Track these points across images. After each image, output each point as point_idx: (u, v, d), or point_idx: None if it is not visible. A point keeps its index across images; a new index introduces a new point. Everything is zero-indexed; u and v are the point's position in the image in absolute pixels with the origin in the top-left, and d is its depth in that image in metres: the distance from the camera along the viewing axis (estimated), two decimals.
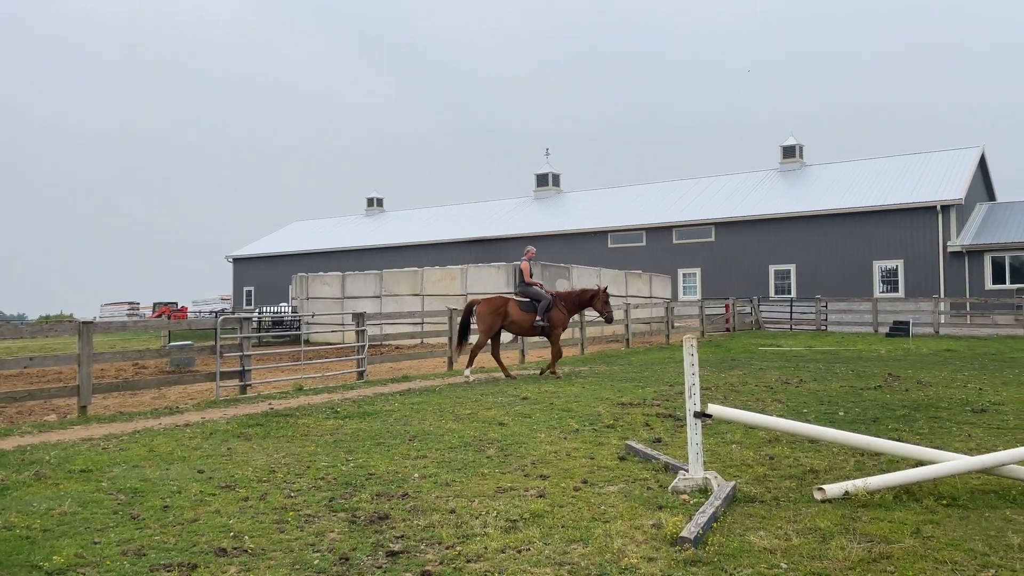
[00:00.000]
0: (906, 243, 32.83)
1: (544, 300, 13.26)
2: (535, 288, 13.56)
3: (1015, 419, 8.15)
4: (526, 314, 13.28)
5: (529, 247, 14.44)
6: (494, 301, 13.52)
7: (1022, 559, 3.97)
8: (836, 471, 5.91)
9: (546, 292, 13.53)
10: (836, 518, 4.71)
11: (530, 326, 13.33)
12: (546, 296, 13.35)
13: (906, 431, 7.53)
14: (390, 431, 7.94)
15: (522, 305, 13.38)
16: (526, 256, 13.93)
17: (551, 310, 13.26)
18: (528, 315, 13.27)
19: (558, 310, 13.35)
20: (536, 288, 13.57)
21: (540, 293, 13.46)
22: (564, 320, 13.42)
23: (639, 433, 7.66)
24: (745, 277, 36.10)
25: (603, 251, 40.23)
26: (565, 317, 13.44)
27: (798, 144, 42.17)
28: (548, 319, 13.25)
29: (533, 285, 13.60)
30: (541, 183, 50.20)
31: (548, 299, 13.27)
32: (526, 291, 13.55)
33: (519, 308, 13.31)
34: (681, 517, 4.66)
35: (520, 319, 13.27)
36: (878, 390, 10.66)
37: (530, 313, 13.28)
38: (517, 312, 13.26)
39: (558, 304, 13.38)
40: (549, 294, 13.47)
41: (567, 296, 13.70)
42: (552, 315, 13.27)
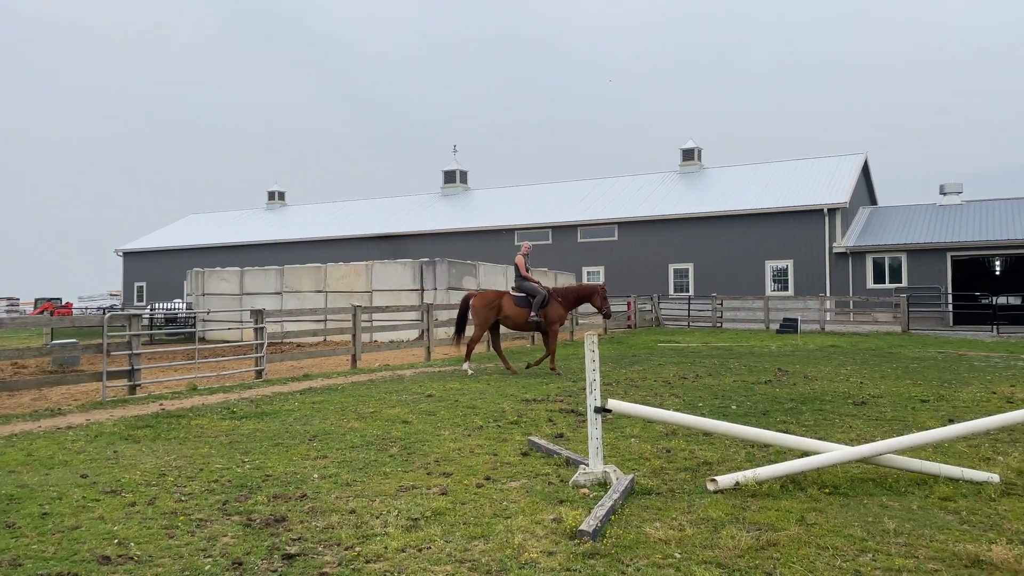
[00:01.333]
0: (796, 244, 34.45)
1: (539, 296, 13.20)
2: (530, 283, 13.49)
3: (892, 411, 8.68)
4: (521, 309, 13.25)
5: (525, 242, 14.44)
6: (488, 295, 13.58)
7: (897, 543, 4.23)
8: (728, 462, 6.14)
9: (542, 288, 13.42)
10: (727, 508, 4.89)
11: (524, 321, 13.29)
12: (541, 291, 13.28)
13: (793, 423, 7.91)
14: (289, 431, 7.74)
15: (517, 300, 13.36)
16: (522, 251, 13.91)
17: (546, 305, 13.21)
18: (523, 310, 13.24)
19: (554, 306, 13.28)
20: (531, 283, 13.50)
21: (535, 288, 13.38)
22: (561, 316, 13.31)
23: (542, 429, 7.74)
24: (646, 275, 37.06)
25: (510, 249, 40.44)
26: (562, 313, 13.33)
27: (697, 147, 43.60)
28: (543, 315, 13.21)
29: (529, 280, 13.55)
30: (449, 180, 50.04)
31: (543, 294, 13.22)
32: (521, 286, 13.53)
33: (514, 303, 13.31)
34: (581, 511, 4.73)
35: (514, 314, 13.26)
36: (768, 384, 11.15)
37: (525, 308, 13.24)
38: (511, 307, 13.26)
39: (554, 299, 13.32)
40: (546, 289, 13.39)
41: (564, 292, 13.60)
42: (547, 311, 13.22)
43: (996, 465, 5.86)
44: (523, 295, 13.39)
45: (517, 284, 13.62)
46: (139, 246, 52.79)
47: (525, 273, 13.58)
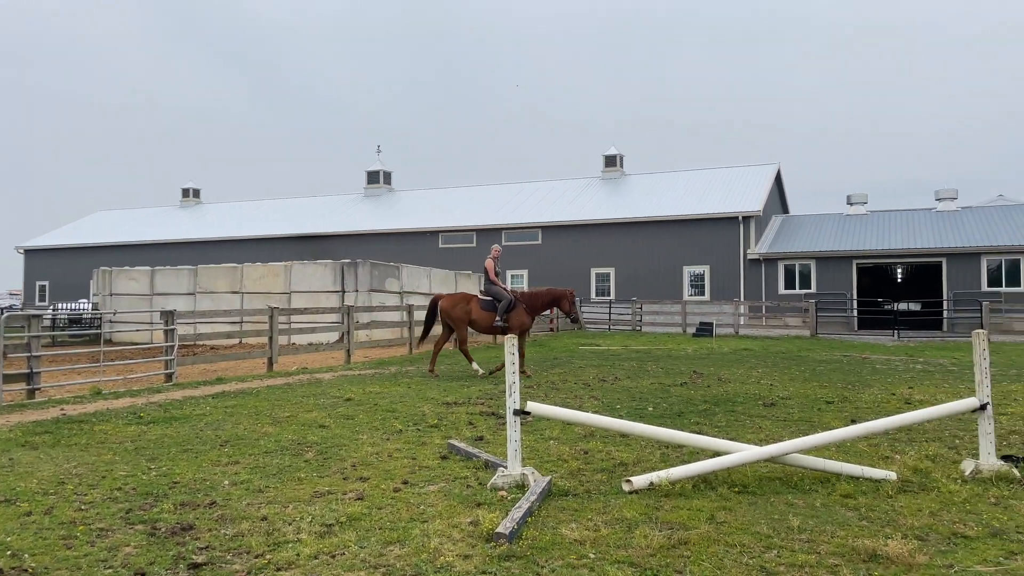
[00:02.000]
0: (712, 250, 35.48)
1: (504, 300, 13.18)
2: (497, 288, 13.46)
3: (799, 412, 9.02)
4: (487, 313, 13.23)
5: (495, 245, 14.43)
6: (456, 297, 13.58)
7: (800, 539, 4.39)
8: (644, 463, 6.26)
9: (509, 292, 13.39)
10: (641, 508, 4.98)
11: (490, 325, 13.25)
12: (507, 296, 13.25)
13: (706, 424, 8.12)
14: (199, 436, 7.49)
15: (483, 304, 13.34)
16: (491, 255, 13.84)
17: (512, 310, 13.18)
18: (489, 314, 13.22)
19: (520, 311, 13.24)
20: (498, 288, 13.46)
21: (501, 293, 13.34)
22: (526, 321, 13.29)
23: (462, 432, 7.72)
24: (569, 279, 37.46)
25: (434, 251, 40.30)
26: (527, 318, 13.31)
27: (619, 154, 44.40)
28: (507, 319, 13.16)
29: (496, 285, 13.51)
30: (372, 180, 49.46)
31: (509, 299, 13.19)
32: (489, 290, 13.51)
33: (480, 307, 13.29)
34: (498, 513, 4.74)
35: (481, 318, 13.24)
36: (684, 386, 11.43)
37: (491, 312, 13.22)
38: (478, 311, 13.25)
39: (519, 305, 13.28)
40: (512, 294, 13.35)
41: (532, 296, 13.57)
42: (512, 316, 13.17)
43: (894, 463, 6.14)
44: (490, 299, 13.41)
45: (485, 288, 13.64)
46: (42, 243, 50.23)
47: (494, 277, 13.56)
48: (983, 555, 4.11)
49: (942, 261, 31.97)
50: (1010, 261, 30.80)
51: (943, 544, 4.29)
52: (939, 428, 7.76)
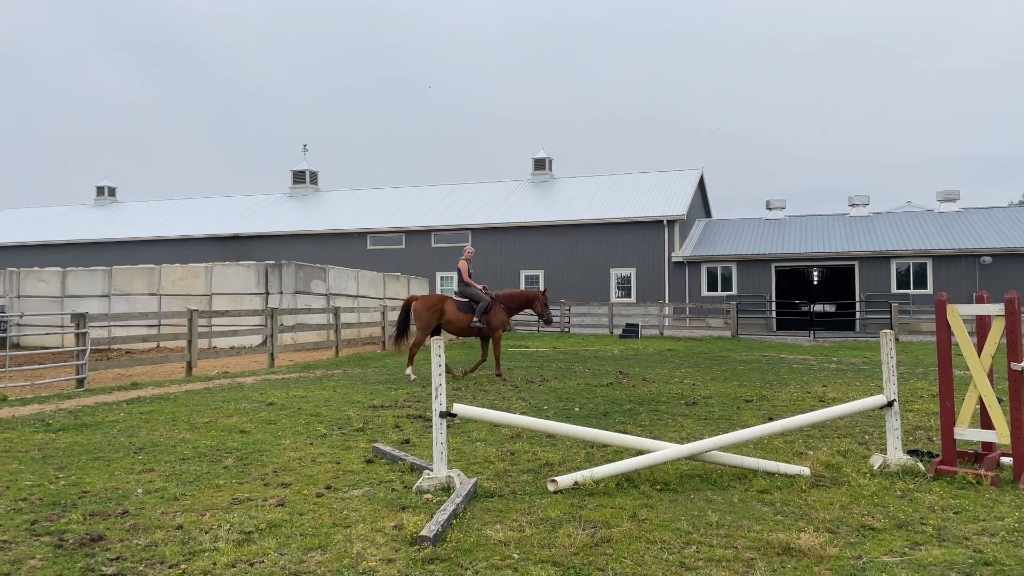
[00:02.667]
0: (638, 253, 36.13)
1: (482, 301, 13.09)
2: (473, 289, 13.34)
3: (720, 410, 9.26)
4: (463, 314, 13.12)
5: (468, 247, 14.30)
6: (430, 299, 13.37)
7: (718, 534, 4.51)
8: (569, 463, 6.32)
9: (486, 293, 13.31)
10: (566, 507, 5.03)
11: (467, 327, 13.14)
12: (484, 297, 13.17)
13: (631, 423, 8.26)
14: (112, 444, 7.20)
15: (459, 305, 13.22)
16: (464, 256, 13.70)
17: (489, 312, 13.11)
18: (465, 316, 13.11)
19: (498, 312, 13.19)
20: (474, 289, 13.34)
21: (478, 294, 13.24)
22: (504, 322, 13.28)
23: (388, 435, 7.64)
24: (499, 281, 37.57)
25: (362, 252, 39.80)
26: (505, 319, 13.29)
27: (548, 157, 44.77)
28: (486, 321, 13.07)
29: (472, 286, 13.37)
30: (298, 180, 48.53)
31: (486, 300, 13.11)
32: (464, 291, 13.37)
33: (456, 308, 13.17)
34: (423, 516, 4.71)
35: (456, 319, 13.12)
36: (610, 387, 11.60)
37: (467, 314, 13.12)
38: (454, 312, 13.13)
39: (497, 306, 13.23)
40: (489, 295, 13.27)
41: (508, 297, 13.50)
42: (490, 317, 13.11)
43: (807, 459, 6.37)
44: (466, 300, 13.32)
45: (460, 289, 13.52)
46: None
47: (468, 279, 13.47)
48: (890, 546, 4.29)
49: (855, 264, 33.35)
50: (917, 264, 32.36)
51: (852, 536, 4.47)
52: (850, 425, 8.08)
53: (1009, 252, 30.84)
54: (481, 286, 13.58)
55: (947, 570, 3.90)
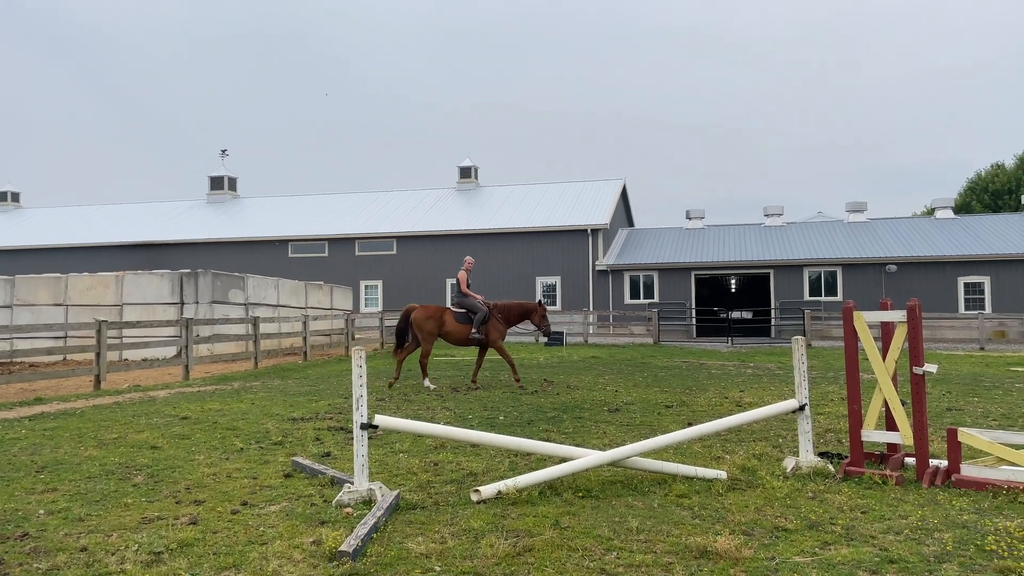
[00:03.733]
0: (563, 261, 36.51)
1: (480, 312, 13.02)
2: (471, 300, 13.26)
3: (641, 416, 9.41)
4: (461, 325, 13.08)
5: (468, 257, 14.15)
6: (430, 309, 13.31)
7: (638, 540, 4.56)
8: (493, 472, 6.30)
9: (484, 304, 13.21)
10: (489, 517, 5.01)
11: (465, 338, 13.09)
12: (482, 308, 13.08)
13: (554, 431, 8.31)
14: (12, 463, 6.81)
15: (457, 316, 13.17)
16: (464, 266, 13.67)
17: (487, 322, 13.05)
18: (463, 327, 13.08)
19: (494, 323, 13.13)
20: (472, 300, 13.26)
21: (476, 305, 13.16)
22: (502, 333, 13.25)
23: (308, 448, 7.47)
24: (425, 290, 37.35)
25: (284, 261, 38.95)
26: (503, 329, 13.25)
27: (474, 166, 44.83)
28: (484, 332, 13.01)
29: (469, 296, 13.31)
30: (216, 186, 47.17)
31: (484, 311, 13.03)
32: (462, 302, 13.29)
33: (454, 319, 13.13)
34: (343, 531, 4.61)
35: (455, 330, 13.07)
36: (534, 395, 11.65)
37: (466, 325, 13.09)
38: (452, 323, 13.09)
39: (495, 316, 13.17)
40: (487, 306, 13.17)
41: (505, 308, 13.40)
42: (488, 328, 13.05)
43: (724, 463, 6.53)
44: (463, 311, 13.23)
45: (458, 300, 13.42)
46: None
47: (466, 289, 13.39)
48: (801, 546, 4.43)
49: (770, 272, 34.51)
50: (828, 272, 33.72)
51: (766, 538, 4.59)
52: (765, 428, 8.33)
53: (913, 261, 32.46)
54: (480, 297, 13.56)
55: (855, 568, 4.04)
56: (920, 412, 6.02)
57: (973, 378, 14.47)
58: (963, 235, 34.25)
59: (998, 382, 13.68)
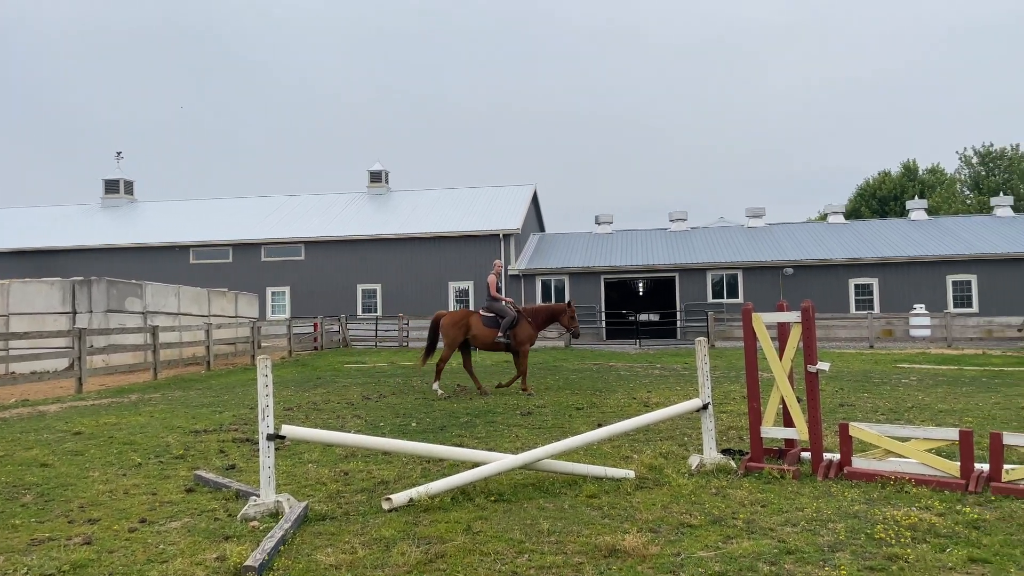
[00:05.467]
0: (476, 266, 36.55)
1: (508, 316, 12.90)
2: (500, 304, 13.19)
3: (553, 419, 9.52)
4: (489, 329, 12.94)
5: (496, 261, 14.09)
6: (456, 315, 13.30)
7: (550, 541, 4.62)
8: (405, 480, 6.25)
9: (513, 308, 13.11)
10: (400, 525, 4.96)
11: (492, 342, 12.94)
12: (511, 312, 12.99)
13: (468, 436, 8.31)
14: None
15: (485, 320, 13.03)
16: (493, 270, 13.62)
17: (516, 326, 12.92)
18: (491, 331, 12.92)
19: (524, 326, 12.99)
20: (501, 304, 13.20)
21: (504, 309, 13.08)
22: (531, 337, 13.09)
23: (212, 461, 7.22)
24: (334, 296, 36.70)
25: (185, 267, 37.51)
26: (532, 334, 13.09)
27: (384, 170, 44.37)
28: (512, 336, 12.85)
29: (499, 300, 13.25)
30: (111, 190, 45.01)
31: (513, 315, 12.93)
32: (491, 306, 13.19)
33: (482, 323, 13.00)
34: (248, 546, 4.49)
35: (482, 334, 12.94)
36: (447, 400, 11.62)
37: (493, 329, 12.93)
38: (480, 327, 12.96)
39: (524, 320, 13.02)
40: (516, 310, 13.08)
41: (535, 312, 13.34)
42: (517, 332, 12.90)
43: (633, 462, 6.68)
44: (492, 315, 13.08)
45: (487, 304, 13.31)
46: None
47: (495, 293, 13.26)
48: (705, 541, 4.58)
49: (675, 276, 35.52)
50: (730, 275, 34.98)
51: (672, 534, 4.73)
52: (672, 428, 8.57)
53: (808, 264, 34.05)
54: (509, 300, 13.48)
55: (755, 561, 4.21)
56: (814, 408, 6.32)
57: (863, 375, 15.29)
58: (853, 239, 36.17)
59: (886, 378, 14.50)
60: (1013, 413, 9.53)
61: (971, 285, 32.85)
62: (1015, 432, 7.47)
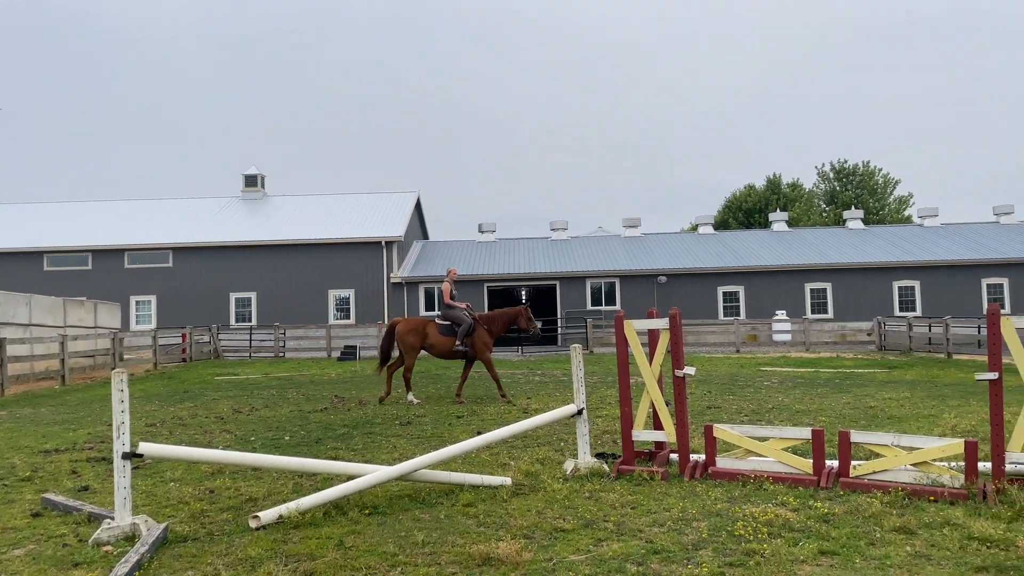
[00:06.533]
0: (357, 274, 35.92)
1: (464, 324, 12.52)
2: (456, 311, 12.76)
3: (433, 428, 9.46)
4: (446, 338, 12.62)
5: (452, 268, 13.80)
6: (412, 322, 13.00)
7: (424, 553, 4.57)
8: (275, 496, 6.03)
9: (469, 315, 12.69)
10: (268, 543, 4.78)
11: (450, 350, 12.64)
12: (467, 320, 12.58)
13: (344, 448, 8.12)
14: None
15: (441, 328, 12.71)
16: (448, 277, 13.21)
17: (473, 334, 12.55)
18: (448, 339, 12.61)
19: (481, 333, 12.64)
20: (457, 311, 12.76)
21: (460, 316, 12.66)
22: (488, 344, 12.76)
23: (63, 483, 6.73)
24: (205, 305, 35.09)
25: (37, 275, 34.87)
26: (489, 340, 12.75)
27: (260, 174, 42.91)
28: (470, 343, 12.53)
29: (455, 307, 12.80)
30: None
31: (469, 323, 12.54)
32: (447, 314, 12.82)
33: (438, 331, 12.68)
34: (99, 572, 4.21)
35: (439, 343, 12.64)
36: (324, 412, 11.33)
37: (450, 337, 12.61)
38: (436, 336, 12.65)
39: (480, 327, 12.66)
40: (473, 317, 12.67)
41: (491, 318, 12.97)
42: (474, 339, 12.57)
43: (510, 469, 6.73)
44: (448, 323, 12.74)
45: (443, 312, 12.99)
46: None
47: (450, 300, 12.90)
48: (577, 545, 4.66)
49: (556, 284, 36.19)
50: (608, 283, 35.98)
51: (546, 539, 4.78)
52: (549, 433, 8.69)
53: (680, 272, 35.51)
54: (464, 306, 13.00)
55: (623, 562, 4.32)
56: (681, 411, 6.57)
57: (730, 378, 16.07)
58: (721, 249, 38.03)
59: (750, 381, 15.30)
60: (862, 412, 10.26)
61: (827, 292, 35.22)
62: (862, 430, 8.05)
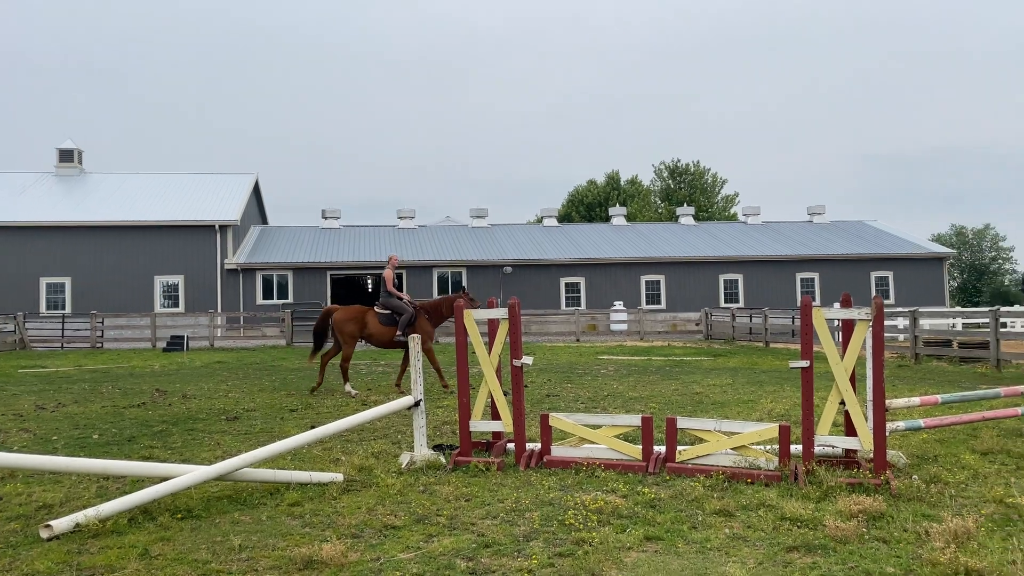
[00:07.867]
0: (187, 259, 33.78)
1: (405, 313, 12.10)
2: (396, 300, 12.30)
3: (262, 423, 8.96)
4: (385, 328, 12.17)
5: (392, 254, 13.30)
6: (351, 310, 12.41)
7: (240, 559, 4.24)
8: (74, 502, 5.44)
9: (409, 304, 12.26)
10: (61, 555, 4.28)
11: (390, 340, 12.17)
12: (408, 309, 12.16)
13: (160, 447, 7.51)
14: None
15: (381, 318, 12.23)
16: (389, 264, 12.72)
17: (414, 324, 12.07)
18: (388, 329, 12.16)
19: (423, 323, 12.19)
20: (397, 300, 12.31)
21: (401, 306, 12.22)
22: (430, 333, 12.37)
23: None
24: (10, 290, 31.79)
25: None
26: (430, 329, 12.38)
27: (78, 149, 39.34)
28: (410, 333, 11.48)
29: (395, 296, 12.34)
30: None
31: (410, 312, 12.12)
32: (387, 302, 12.32)
33: (378, 320, 12.20)
34: None
35: (378, 332, 12.17)
36: (142, 407, 10.47)
37: (390, 327, 12.16)
38: (376, 325, 12.18)
39: (422, 316, 12.24)
40: (413, 306, 12.24)
41: (432, 307, 12.56)
42: (416, 329, 11.97)
43: (342, 465, 6.45)
44: (388, 312, 12.24)
45: (383, 300, 12.38)
46: None
47: (391, 288, 12.38)
48: (407, 542, 4.49)
49: (403, 272, 35.74)
50: (455, 272, 36.00)
51: (375, 538, 4.58)
52: (387, 426, 8.47)
53: (526, 263, 36.11)
54: (406, 296, 12.30)
55: (453, 558, 4.20)
56: (518, 401, 6.56)
57: (569, 366, 16.46)
58: (565, 241, 39.05)
59: (588, 369, 15.73)
60: (689, 398, 10.77)
61: (660, 284, 37.05)
62: (688, 416, 8.42)
